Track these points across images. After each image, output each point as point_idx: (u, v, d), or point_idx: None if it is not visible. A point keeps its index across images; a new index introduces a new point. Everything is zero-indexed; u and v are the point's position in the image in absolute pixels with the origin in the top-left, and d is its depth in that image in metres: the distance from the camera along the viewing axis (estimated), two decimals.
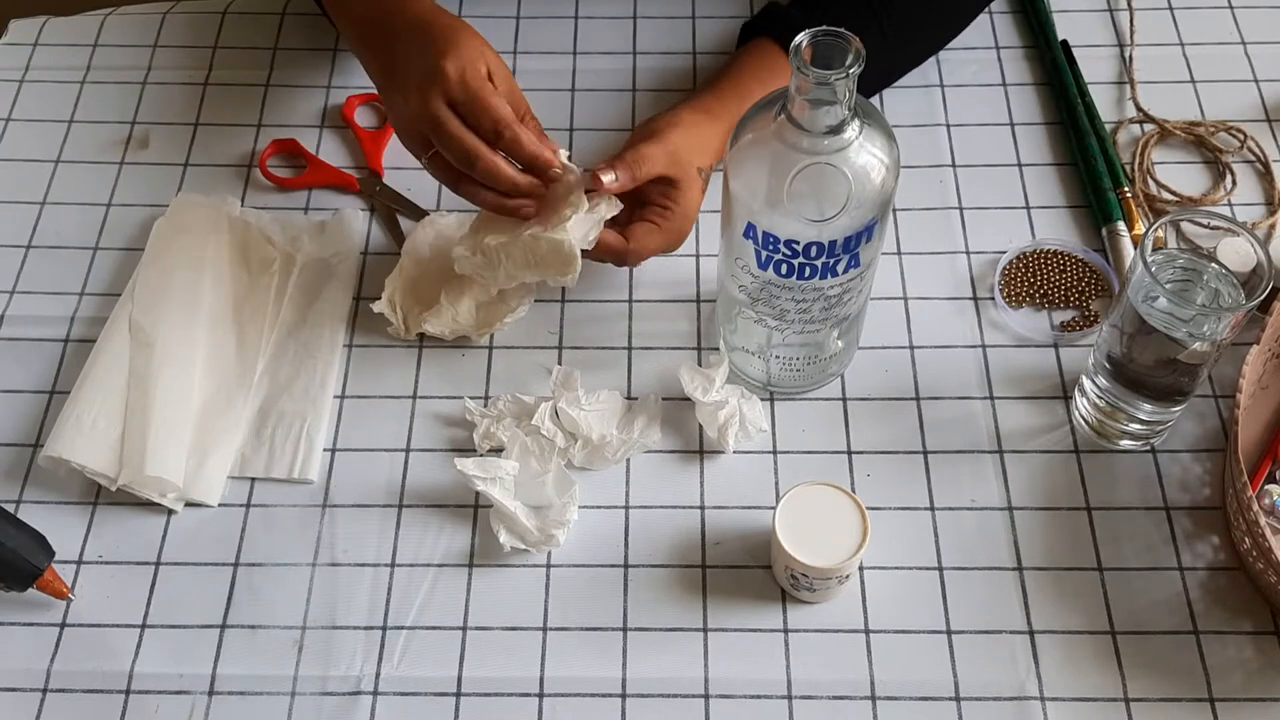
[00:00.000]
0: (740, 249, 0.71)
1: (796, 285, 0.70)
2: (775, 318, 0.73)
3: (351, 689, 0.71)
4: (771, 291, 0.72)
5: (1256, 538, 0.69)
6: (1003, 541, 0.75)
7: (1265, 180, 0.90)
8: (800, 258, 0.68)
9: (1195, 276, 0.72)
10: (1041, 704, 0.69)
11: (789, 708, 0.70)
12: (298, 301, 0.85)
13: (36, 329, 0.84)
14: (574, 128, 0.94)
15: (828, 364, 0.79)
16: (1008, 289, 0.85)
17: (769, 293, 0.72)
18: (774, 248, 0.68)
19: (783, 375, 0.79)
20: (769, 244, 0.68)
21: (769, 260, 0.70)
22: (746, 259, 0.71)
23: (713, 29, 1.00)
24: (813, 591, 0.72)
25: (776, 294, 0.72)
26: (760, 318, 0.74)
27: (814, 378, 0.80)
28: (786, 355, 0.77)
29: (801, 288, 0.70)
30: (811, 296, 0.71)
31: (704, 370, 0.78)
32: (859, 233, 0.67)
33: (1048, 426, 0.79)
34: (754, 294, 0.73)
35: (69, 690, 0.71)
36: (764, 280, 0.71)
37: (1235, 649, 0.71)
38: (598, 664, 0.71)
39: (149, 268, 0.84)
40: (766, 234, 0.68)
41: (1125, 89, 0.95)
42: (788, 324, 0.74)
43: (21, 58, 0.99)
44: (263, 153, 0.92)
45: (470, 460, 0.74)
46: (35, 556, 0.70)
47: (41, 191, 0.91)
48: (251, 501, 0.77)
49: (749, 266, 0.71)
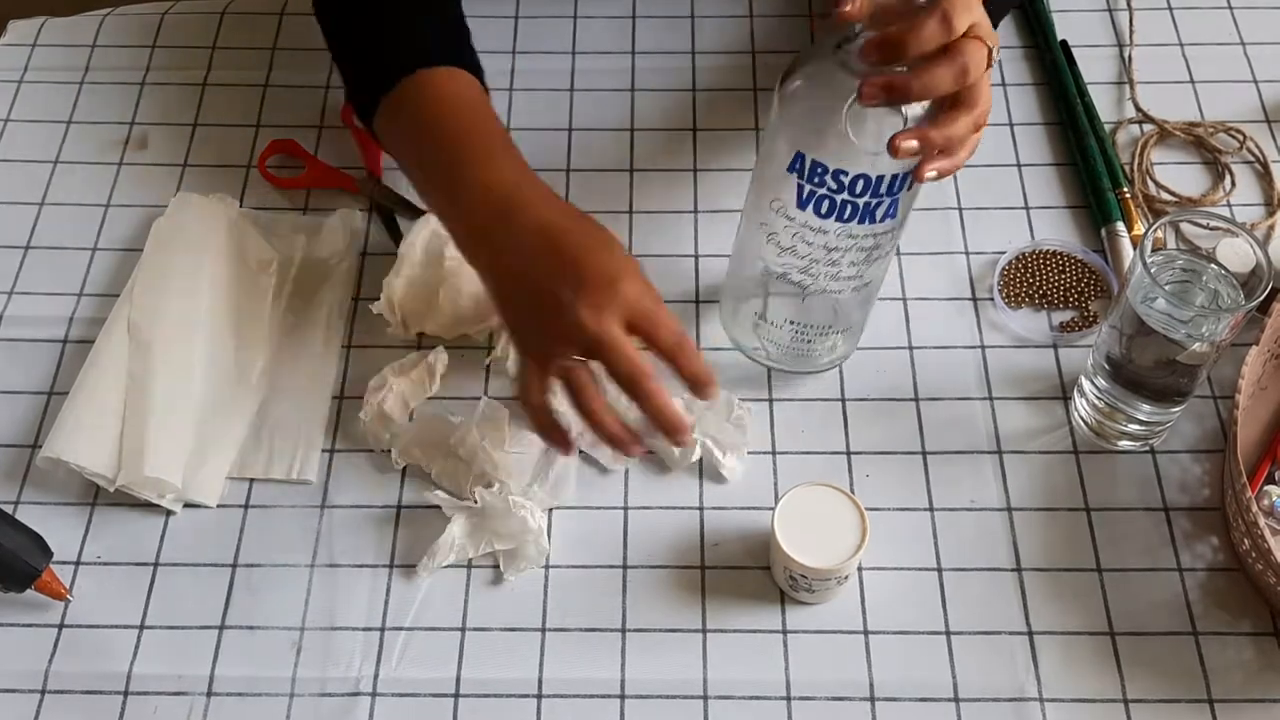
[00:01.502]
0: (779, 187, 0.69)
1: (833, 229, 0.69)
2: (801, 271, 0.72)
3: (350, 690, 0.71)
4: (805, 238, 0.70)
5: (1256, 539, 0.69)
6: (1002, 542, 0.75)
7: (1264, 181, 0.90)
8: (845, 193, 0.67)
9: (1194, 277, 0.72)
10: (1040, 705, 0.69)
11: (788, 708, 0.70)
12: (296, 302, 0.85)
13: (35, 329, 0.84)
14: (573, 127, 0.94)
15: (826, 342, 0.78)
16: (1007, 289, 0.85)
17: (802, 239, 0.70)
18: (820, 180, 0.67)
19: (783, 352, 0.78)
20: (815, 175, 0.67)
21: (811, 197, 0.68)
22: (785, 199, 0.69)
23: (713, 29, 1.00)
24: (812, 592, 0.72)
25: (810, 240, 0.70)
26: (784, 271, 0.73)
27: (813, 356, 0.79)
28: (797, 329, 0.77)
29: (837, 232, 0.69)
30: (845, 245, 0.70)
31: None
32: (905, 173, 0.66)
33: (1047, 427, 0.79)
34: (784, 243, 0.72)
35: (67, 691, 0.71)
36: (800, 223, 0.70)
37: (1234, 650, 0.71)
38: (596, 665, 0.71)
39: (148, 268, 0.84)
40: (815, 163, 0.66)
41: (1124, 89, 0.95)
42: (811, 279, 0.73)
43: (20, 58, 0.99)
44: (261, 153, 0.92)
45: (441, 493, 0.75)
46: (33, 557, 0.70)
47: (40, 192, 0.91)
48: (250, 502, 0.77)
49: (786, 207, 0.69)
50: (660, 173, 0.91)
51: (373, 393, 0.79)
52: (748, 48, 0.98)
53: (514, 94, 0.96)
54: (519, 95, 0.96)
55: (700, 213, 0.89)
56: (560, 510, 0.77)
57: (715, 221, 0.88)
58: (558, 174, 0.91)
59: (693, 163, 0.92)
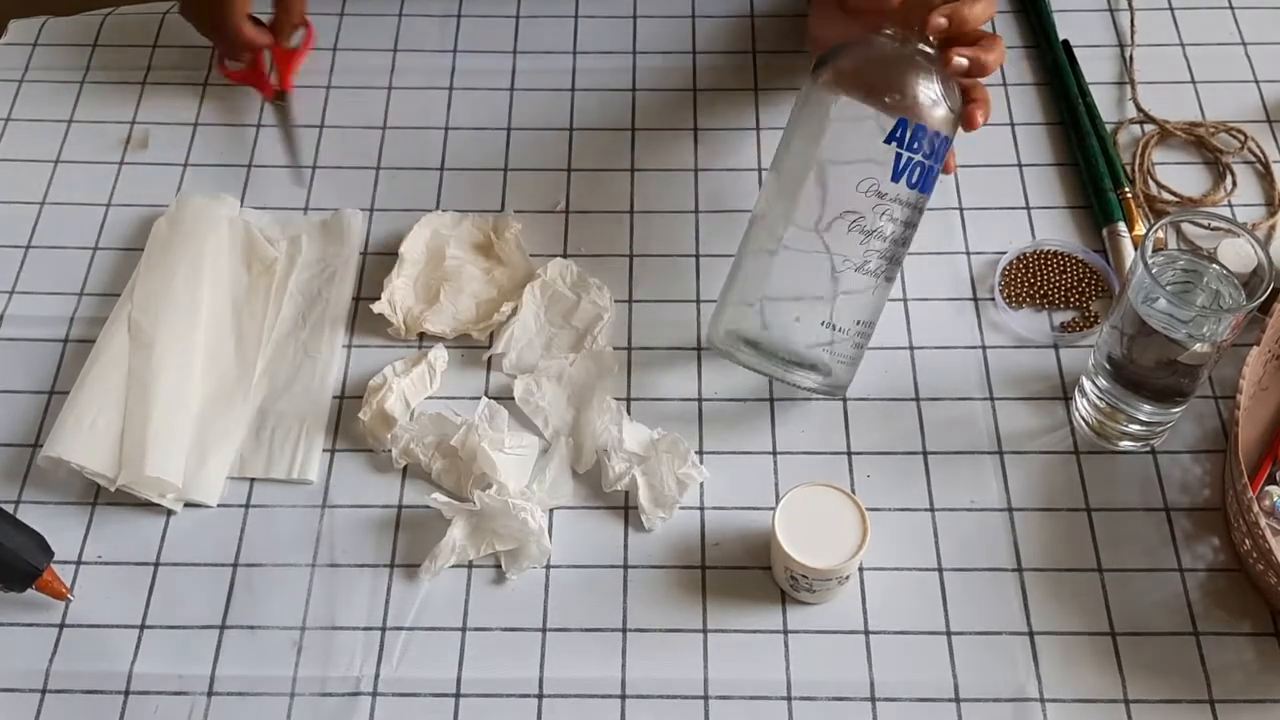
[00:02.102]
0: (863, 168, 0.72)
1: (914, 202, 0.73)
2: (881, 256, 0.73)
3: (351, 690, 0.71)
4: (893, 214, 0.72)
5: (1257, 539, 0.69)
6: (1002, 542, 0.75)
7: (1265, 181, 0.90)
8: (932, 159, 0.72)
9: (1195, 277, 0.72)
10: (1041, 705, 0.69)
11: (788, 709, 0.70)
12: (297, 301, 0.85)
13: (36, 329, 0.84)
14: (574, 127, 0.94)
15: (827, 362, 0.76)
16: (1008, 289, 0.85)
17: (889, 215, 0.72)
18: (918, 145, 0.71)
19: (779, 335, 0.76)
20: (915, 142, 0.71)
21: (907, 166, 0.71)
22: (878, 175, 0.72)
23: (713, 28, 1.00)
24: (812, 592, 0.72)
25: (896, 216, 0.73)
26: (864, 262, 0.73)
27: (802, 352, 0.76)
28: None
29: (914, 204, 0.73)
30: (914, 219, 0.74)
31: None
32: (951, 138, 0.74)
33: (1048, 427, 0.79)
34: (869, 226, 0.72)
35: (68, 691, 0.71)
36: (891, 198, 0.72)
37: (1235, 650, 0.71)
38: (597, 665, 0.71)
39: (148, 268, 0.84)
40: (919, 128, 0.71)
41: (1126, 89, 0.95)
42: (887, 262, 0.74)
43: (21, 58, 0.99)
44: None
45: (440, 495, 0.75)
46: (34, 557, 0.70)
47: (41, 191, 0.91)
48: (251, 502, 0.77)
49: (879, 184, 0.72)
50: (661, 173, 0.91)
51: (373, 392, 0.79)
52: (748, 47, 0.98)
53: (514, 94, 0.96)
54: (519, 95, 0.96)
55: (701, 212, 0.89)
56: (560, 510, 0.77)
57: (716, 221, 0.88)
58: (558, 174, 0.91)
59: (694, 162, 0.92)
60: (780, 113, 0.94)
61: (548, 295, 0.84)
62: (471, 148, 0.93)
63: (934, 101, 0.72)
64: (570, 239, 0.88)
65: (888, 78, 0.72)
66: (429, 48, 0.99)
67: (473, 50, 0.99)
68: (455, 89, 0.97)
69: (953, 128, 0.74)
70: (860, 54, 0.74)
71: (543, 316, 0.83)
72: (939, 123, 0.72)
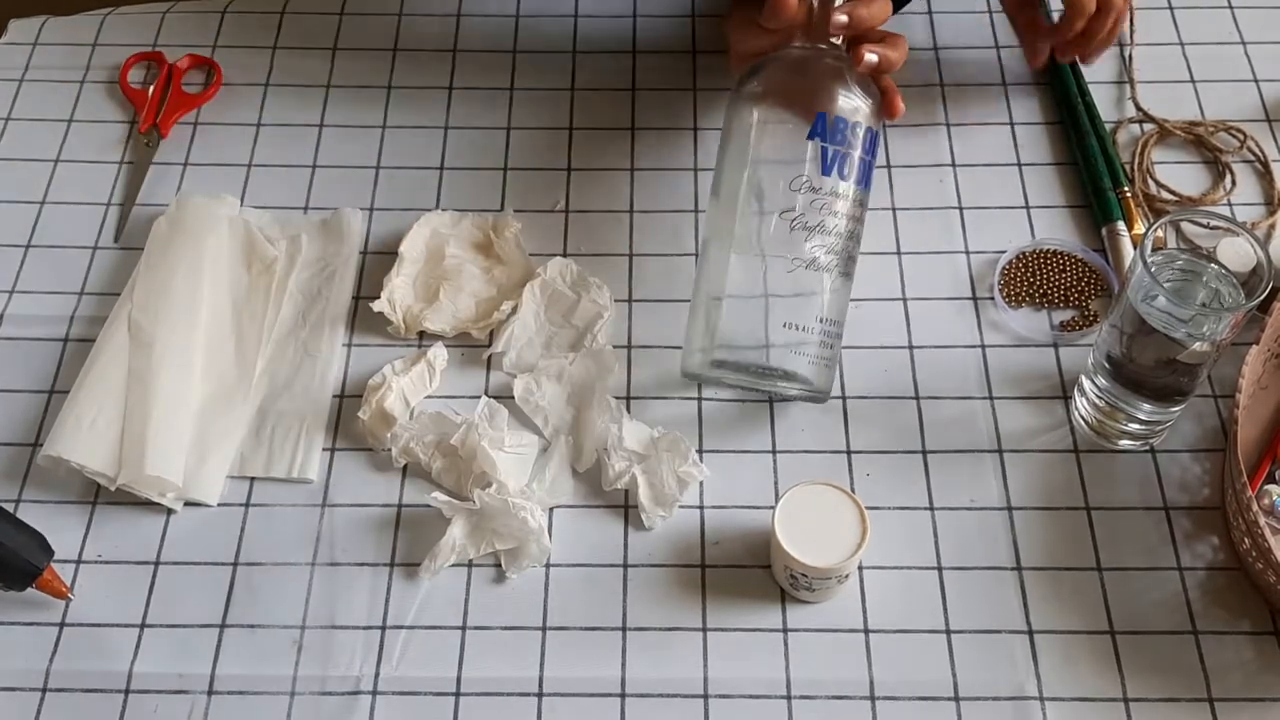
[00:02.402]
0: (794, 168, 0.74)
1: (852, 194, 0.75)
2: (829, 251, 0.74)
3: (351, 689, 0.71)
4: (833, 208, 0.74)
5: (1256, 538, 0.69)
6: (1002, 541, 0.75)
7: (1265, 180, 0.90)
8: (861, 148, 0.75)
9: (1195, 276, 0.72)
10: (1040, 704, 0.69)
11: (788, 707, 0.70)
12: (297, 301, 0.85)
13: (36, 328, 0.84)
14: (574, 127, 0.94)
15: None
16: (1007, 289, 0.85)
17: (829, 209, 0.74)
18: (842, 137, 0.75)
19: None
20: (838, 133, 0.74)
21: (835, 159, 0.74)
22: (808, 172, 0.74)
23: (713, 28, 1.00)
24: (812, 591, 0.72)
25: (837, 210, 0.74)
26: (814, 257, 0.74)
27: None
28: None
29: (843, 195, 0.75)
30: (857, 214, 0.76)
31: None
32: (878, 131, 0.78)
33: (1047, 426, 0.79)
34: (811, 222, 0.74)
35: (68, 690, 0.71)
36: (827, 191, 0.74)
37: (1234, 649, 0.71)
38: (597, 664, 0.71)
39: (148, 267, 0.84)
40: (838, 119, 0.75)
41: (1125, 88, 0.95)
42: (838, 257, 0.75)
43: (21, 57, 0.99)
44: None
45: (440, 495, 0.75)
46: (34, 556, 0.70)
47: (41, 191, 0.91)
48: (251, 501, 0.77)
49: (810, 180, 0.74)
50: (660, 172, 0.91)
51: (373, 391, 0.79)
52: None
53: (514, 94, 0.96)
54: (520, 95, 0.96)
55: (701, 212, 0.89)
56: (560, 509, 0.77)
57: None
58: (558, 173, 0.91)
59: (693, 162, 0.92)
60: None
61: (547, 294, 0.84)
62: (471, 147, 0.93)
63: (848, 95, 0.76)
64: (570, 238, 0.88)
65: (805, 82, 0.77)
66: (429, 47, 0.99)
67: (473, 50, 0.99)
68: (455, 89, 0.97)
69: (875, 119, 0.77)
70: (777, 65, 0.78)
71: (542, 315, 0.83)
72: (859, 115, 0.76)
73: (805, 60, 0.77)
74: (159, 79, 0.96)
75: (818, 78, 0.76)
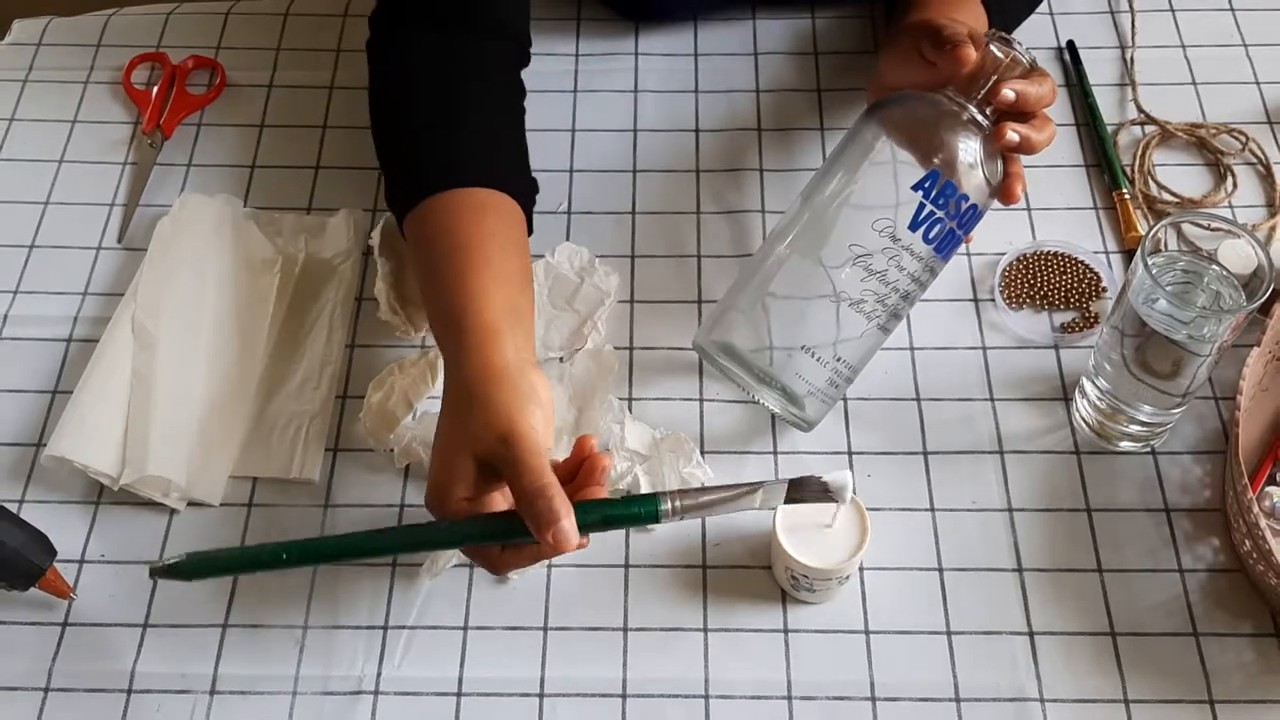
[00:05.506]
0: (886, 210, 0.72)
1: (926, 257, 0.73)
2: (877, 300, 0.73)
3: (353, 689, 0.71)
4: (900, 262, 0.73)
5: (1257, 540, 0.69)
6: (1003, 543, 0.75)
7: (1266, 182, 0.90)
8: (956, 220, 0.73)
9: (1196, 279, 0.72)
10: (1041, 705, 0.69)
11: (789, 708, 0.70)
12: (300, 301, 0.85)
13: (40, 329, 0.85)
14: (575, 128, 0.94)
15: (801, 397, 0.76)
16: (1008, 290, 0.85)
17: (897, 263, 0.73)
18: (944, 202, 0.72)
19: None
20: (942, 197, 0.72)
21: (927, 219, 0.72)
22: (896, 220, 0.72)
23: (716, 31, 1.00)
24: (813, 592, 0.72)
25: (904, 266, 0.73)
26: (859, 299, 0.73)
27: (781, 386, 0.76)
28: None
29: (926, 262, 0.74)
30: (924, 278, 0.74)
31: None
32: (984, 212, 0.75)
33: (1048, 428, 0.79)
34: (876, 266, 0.72)
35: (71, 689, 0.71)
36: (903, 246, 0.72)
37: (1235, 651, 0.71)
38: (598, 664, 0.71)
39: (152, 268, 0.84)
40: (949, 184, 0.72)
41: (1127, 90, 0.95)
42: (883, 308, 0.74)
43: (25, 58, 1.00)
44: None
45: None
46: (37, 556, 0.71)
47: (45, 191, 0.92)
48: (253, 501, 0.77)
49: (894, 228, 0.72)
50: (663, 173, 0.91)
51: (375, 391, 0.79)
52: (750, 50, 0.99)
53: None
54: None
55: (703, 214, 0.89)
56: None
57: (717, 223, 0.89)
58: (560, 175, 0.91)
59: (695, 164, 0.92)
60: (781, 114, 0.94)
61: (552, 277, 0.84)
62: None
63: (971, 166, 0.72)
64: (572, 239, 0.88)
65: (936, 132, 0.73)
66: None
67: None
68: None
69: (985, 198, 0.74)
70: (917, 104, 0.75)
71: (545, 297, 0.83)
72: (971, 188, 0.73)
73: (947, 114, 0.73)
74: (162, 80, 0.97)
75: (949, 135, 0.73)
